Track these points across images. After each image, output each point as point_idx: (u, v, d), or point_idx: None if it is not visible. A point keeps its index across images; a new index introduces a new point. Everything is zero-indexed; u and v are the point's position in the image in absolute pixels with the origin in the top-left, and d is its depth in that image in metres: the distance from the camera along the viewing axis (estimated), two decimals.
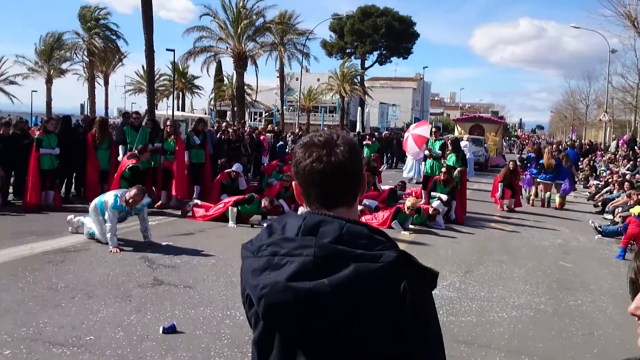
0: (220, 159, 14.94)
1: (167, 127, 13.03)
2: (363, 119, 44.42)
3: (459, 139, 17.42)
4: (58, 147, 11.56)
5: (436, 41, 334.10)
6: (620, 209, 13.60)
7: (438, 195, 12.24)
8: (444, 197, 12.18)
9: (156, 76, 40.63)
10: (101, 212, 8.43)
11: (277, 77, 49.13)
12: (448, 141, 14.53)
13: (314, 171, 1.48)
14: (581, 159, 27.68)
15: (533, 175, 16.84)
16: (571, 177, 17.31)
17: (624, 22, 31.80)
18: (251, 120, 58.75)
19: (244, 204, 10.86)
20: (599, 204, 16.55)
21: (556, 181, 16.36)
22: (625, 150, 29.54)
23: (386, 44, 60.96)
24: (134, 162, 11.14)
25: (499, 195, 15.12)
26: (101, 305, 5.83)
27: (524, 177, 17.29)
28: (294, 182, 1.58)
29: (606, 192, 17.33)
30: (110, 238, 8.18)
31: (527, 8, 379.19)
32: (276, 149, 21.26)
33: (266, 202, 10.73)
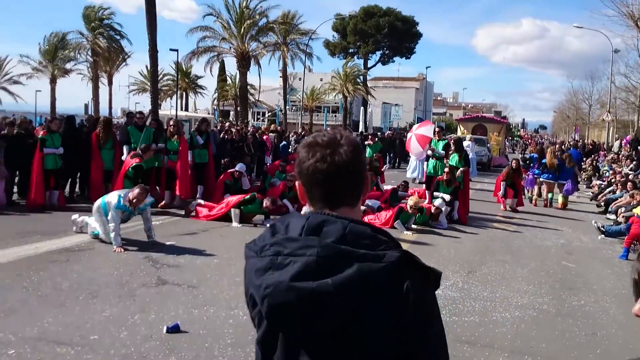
0: (224, 158, 14.95)
1: (170, 127, 13.04)
2: (366, 119, 44.39)
3: (462, 138, 17.41)
4: (62, 147, 11.60)
5: (439, 41, 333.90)
6: (623, 209, 13.58)
7: (440, 195, 12.25)
8: (446, 197, 12.18)
9: (160, 76, 40.74)
10: (104, 213, 8.44)
11: (280, 77, 49.10)
12: (451, 141, 14.52)
13: (317, 171, 1.48)
14: (584, 159, 27.63)
15: (535, 176, 16.82)
16: (574, 178, 17.28)
17: (627, 22, 31.71)
18: (254, 120, 58.77)
19: (246, 204, 10.87)
20: (601, 204, 16.52)
21: (559, 181, 16.33)
22: (628, 150, 29.45)
23: (389, 43, 61.04)
24: (138, 161, 11.16)
25: (502, 194, 15.11)
26: (105, 305, 5.85)
27: (526, 178, 17.26)
28: (297, 182, 1.58)
29: (609, 192, 17.31)
30: (114, 238, 8.21)
31: (529, 8, 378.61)
32: (279, 148, 21.26)
33: (268, 202, 10.72)
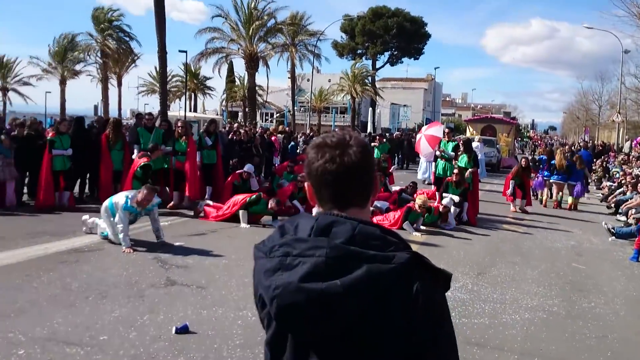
0: (232, 159, 14.97)
1: (178, 128, 13.08)
2: (374, 120, 44.33)
3: (471, 139, 17.35)
4: (71, 148, 11.65)
5: (448, 42, 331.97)
6: (634, 210, 13.50)
7: (449, 196, 12.20)
8: (455, 198, 12.14)
9: (169, 77, 40.89)
10: (112, 213, 8.48)
11: (289, 78, 49.13)
12: (460, 142, 14.47)
13: (326, 172, 1.48)
14: (594, 160, 27.48)
15: (545, 178, 16.73)
16: (584, 179, 17.19)
17: (637, 22, 31.57)
18: (262, 121, 58.86)
19: (252, 205, 10.86)
20: (612, 205, 16.43)
21: (569, 182, 16.25)
22: (638, 151, 29.28)
23: (397, 44, 60.90)
24: (146, 161, 11.22)
25: (510, 193, 15.06)
26: (115, 305, 5.87)
27: (536, 179, 17.19)
28: (306, 183, 1.58)
29: (619, 194, 17.20)
30: (123, 238, 8.23)
31: (539, 8, 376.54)
32: (287, 149, 21.28)
33: (272, 204, 10.71)
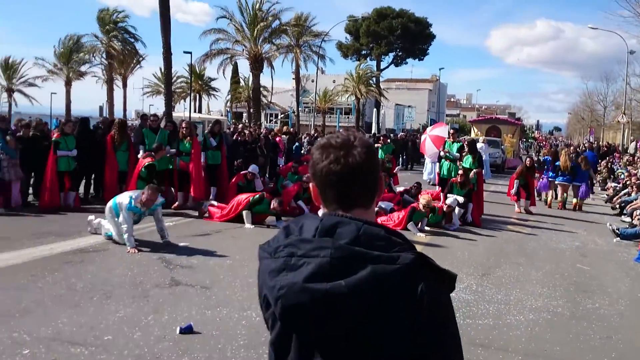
0: (236, 160, 14.98)
1: (182, 129, 13.11)
2: (378, 121, 44.34)
3: (475, 140, 17.31)
4: (75, 149, 11.69)
5: (452, 42, 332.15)
6: (639, 211, 13.45)
7: (453, 196, 12.16)
8: (460, 199, 12.12)
9: (173, 78, 40.86)
10: (116, 214, 8.50)
11: (293, 79, 49.23)
12: (465, 143, 14.44)
13: (331, 172, 1.48)
14: (599, 161, 27.39)
15: (550, 179, 16.69)
16: (588, 181, 17.13)
17: None
18: (267, 121, 58.89)
19: (256, 204, 10.86)
20: (617, 206, 16.38)
21: (573, 183, 16.22)
22: None
23: (402, 45, 60.87)
24: (150, 160, 11.27)
25: (514, 192, 15.03)
26: (119, 306, 5.88)
27: (541, 180, 17.15)
28: (311, 184, 1.58)
29: (624, 195, 17.14)
30: (127, 239, 8.25)
31: (544, 9, 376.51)
32: (292, 150, 21.26)
33: (275, 204, 10.69)
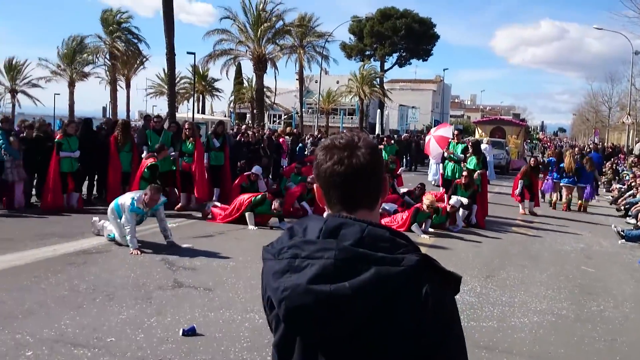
0: (239, 161, 14.99)
1: (185, 130, 13.13)
2: (382, 121, 44.30)
3: (479, 141, 17.27)
4: (78, 150, 11.69)
5: (456, 43, 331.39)
6: None
7: (457, 197, 12.11)
8: (464, 200, 12.07)
9: (177, 79, 41.00)
10: (118, 215, 8.50)
11: (297, 80, 49.09)
12: (469, 144, 14.39)
13: (334, 174, 1.47)
14: (604, 162, 27.33)
15: (555, 180, 16.64)
16: (593, 182, 17.08)
17: None
18: (270, 122, 58.93)
19: (258, 205, 10.85)
20: (621, 207, 16.33)
21: (578, 184, 16.18)
22: None
23: (406, 46, 60.83)
24: (153, 161, 11.29)
25: (518, 192, 14.99)
26: (122, 307, 5.88)
27: (545, 182, 17.10)
28: (315, 185, 1.57)
29: (629, 196, 17.10)
30: (130, 240, 8.24)
31: (548, 9, 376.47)
32: (295, 151, 21.27)
33: (276, 204, 10.66)
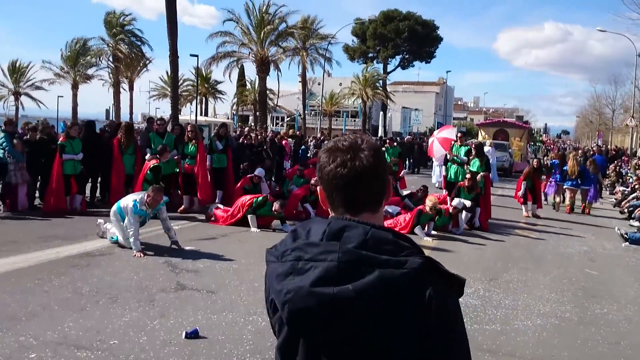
0: (242, 163, 14.99)
1: (188, 132, 13.15)
2: (385, 124, 44.24)
3: (483, 144, 17.24)
4: (81, 152, 11.71)
5: (460, 45, 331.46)
6: None
7: (460, 199, 12.07)
8: (467, 202, 12.04)
9: (180, 81, 40.97)
10: (121, 217, 8.51)
11: (299, 82, 49.20)
12: (472, 146, 14.36)
13: (337, 176, 1.47)
14: (608, 165, 27.26)
15: (558, 183, 16.61)
16: (596, 184, 17.04)
17: None
18: (273, 125, 58.90)
19: (260, 207, 10.85)
20: (625, 210, 16.27)
21: (581, 187, 16.15)
22: None
23: (409, 48, 60.75)
24: (155, 162, 11.32)
25: (521, 194, 14.97)
26: (125, 310, 5.88)
27: (549, 184, 17.07)
28: (318, 187, 1.57)
29: (633, 199, 17.02)
30: (133, 242, 8.24)
31: (552, 12, 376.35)
32: (298, 153, 21.26)
33: (276, 206, 10.67)
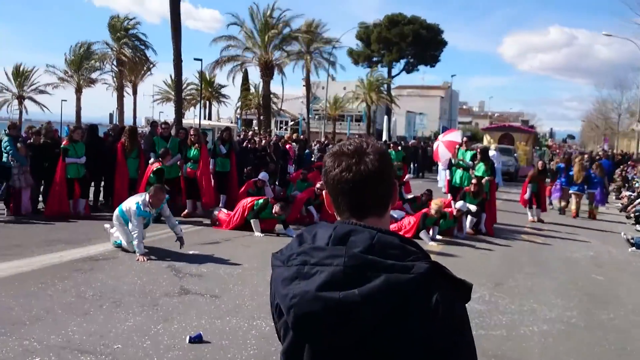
0: (246, 167, 14.99)
1: (191, 136, 13.17)
2: (389, 128, 44.19)
3: (487, 148, 17.21)
4: (85, 156, 11.72)
5: (464, 49, 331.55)
6: None
7: (466, 205, 12.03)
8: (472, 207, 12.01)
9: (184, 85, 41.06)
10: (124, 221, 8.51)
11: (304, 86, 49.16)
12: (477, 150, 14.32)
13: (343, 180, 1.46)
14: (614, 169, 27.18)
15: (564, 187, 16.56)
16: (602, 188, 16.99)
17: None
18: (277, 129, 58.97)
19: (261, 210, 10.84)
20: (631, 215, 16.22)
21: (588, 191, 16.10)
22: None
23: (413, 52, 60.70)
24: (158, 165, 11.37)
25: (527, 197, 14.93)
26: (129, 314, 5.86)
27: (554, 187, 17.03)
28: (324, 191, 1.56)
29: (639, 204, 16.98)
30: (137, 245, 8.24)
31: (557, 16, 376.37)
32: (302, 158, 21.23)
33: (277, 208, 10.66)
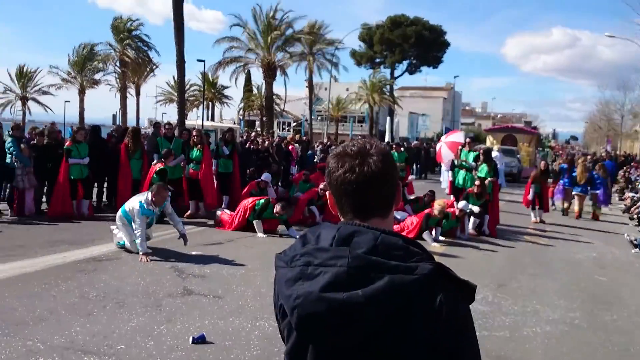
0: (249, 168, 14.98)
1: (193, 137, 13.19)
2: (392, 129, 44.15)
3: (490, 149, 17.20)
4: (88, 157, 11.74)
5: (467, 50, 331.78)
6: None
7: (469, 205, 12.01)
8: (475, 208, 11.99)
9: (186, 86, 41.04)
10: (127, 221, 8.52)
11: (306, 87, 49.08)
12: (480, 151, 14.32)
13: (346, 182, 1.46)
14: (617, 170, 27.14)
15: (566, 187, 16.54)
16: (605, 189, 16.96)
17: None
18: (280, 130, 58.94)
19: (263, 211, 10.84)
20: (634, 216, 16.18)
21: (590, 192, 16.08)
22: None
23: (416, 53, 60.68)
24: (161, 165, 11.38)
25: (531, 197, 14.91)
26: (132, 315, 5.87)
27: (557, 188, 17.01)
28: (327, 192, 1.56)
29: None
30: (140, 244, 8.25)
31: (560, 17, 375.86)
32: (305, 158, 21.22)
33: (277, 208, 10.67)
